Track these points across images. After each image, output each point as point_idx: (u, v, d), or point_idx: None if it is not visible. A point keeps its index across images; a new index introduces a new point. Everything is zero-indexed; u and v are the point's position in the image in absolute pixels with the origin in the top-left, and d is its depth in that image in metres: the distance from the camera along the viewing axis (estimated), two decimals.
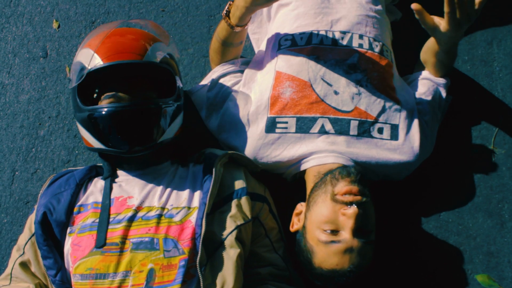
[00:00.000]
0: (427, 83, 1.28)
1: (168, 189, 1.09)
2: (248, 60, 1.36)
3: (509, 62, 1.41)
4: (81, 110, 1.06)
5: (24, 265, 1.08)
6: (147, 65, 1.08)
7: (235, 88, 1.26)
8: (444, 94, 1.28)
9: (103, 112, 1.02)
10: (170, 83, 1.15)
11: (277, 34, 1.26)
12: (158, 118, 1.07)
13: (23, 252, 1.09)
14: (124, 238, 0.99)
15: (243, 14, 1.14)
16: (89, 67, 1.04)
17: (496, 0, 1.45)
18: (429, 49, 1.24)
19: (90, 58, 1.06)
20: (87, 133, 1.08)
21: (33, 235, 1.09)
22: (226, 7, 1.18)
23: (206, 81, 1.34)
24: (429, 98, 1.25)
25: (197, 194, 1.07)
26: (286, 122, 1.16)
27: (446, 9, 1.02)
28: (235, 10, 1.15)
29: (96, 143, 1.08)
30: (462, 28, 1.06)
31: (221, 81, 1.29)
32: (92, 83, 1.10)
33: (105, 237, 0.99)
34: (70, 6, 1.62)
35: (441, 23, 1.07)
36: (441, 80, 1.29)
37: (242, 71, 1.32)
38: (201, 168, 1.14)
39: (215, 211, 1.06)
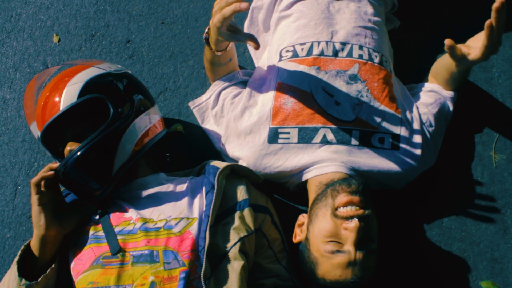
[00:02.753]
0: (434, 95, 1.28)
1: (166, 200, 1.09)
2: (250, 71, 1.36)
3: (508, 67, 1.41)
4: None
5: None
6: (72, 107, 1.06)
7: (238, 99, 1.26)
8: (451, 107, 1.28)
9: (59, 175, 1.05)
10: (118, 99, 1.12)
11: (278, 46, 1.27)
12: (96, 155, 1.05)
13: None
14: (124, 251, 0.99)
15: (217, 43, 1.14)
16: (38, 138, 1.11)
17: None
18: (444, 66, 1.25)
19: (35, 130, 1.14)
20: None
21: None
22: (206, 31, 1.16)
23: (208, 93, 1.35)
24: (435, 110, 1.25)
25: (197, 205, 1.07)
26: (288, 133, 1.16)
27: (484, 42, 1.02)
28: (211, 37, 1.14)
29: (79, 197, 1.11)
30: (489, 56, 1.07)
31: (223, 93, 1.30)
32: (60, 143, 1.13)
33: (117, 243, 0.99)
34: (70, 20, 1.63)
35: (470, 53, 1.06)
36: (449, 94, 1.29)
37: (243, 82, 1.32)
38: (202, 180, 1.14)
39: (218, 223, 1.06)
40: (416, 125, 1.20)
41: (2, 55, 1.62)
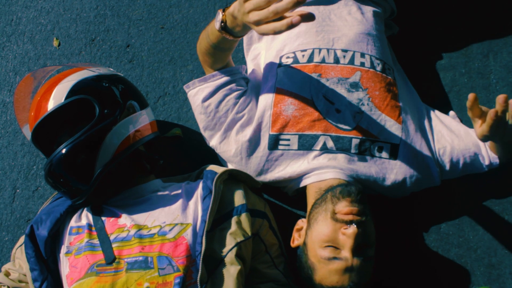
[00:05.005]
0: (473, 144, 1.21)
1: (160, 206, 1.10)
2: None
3: (506, 74, 1.42)
4: None
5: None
6: (61, 107, 1.08)
7: (242, 102, 1.21)
8: (486, 169, 1.22)
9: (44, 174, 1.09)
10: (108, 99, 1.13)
11: (278, 52, 1.26)
12: (79, 154, 1.06)
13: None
14: (119, 258, 0.99)
15: (245, 30, 1.00)
16: (30, 140, 1.14)
17: (492, 13, 1.47)
18: None
19: (27, 132, 1.19)
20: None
21: (21, 244, 1.14)
22: (221, 19, 1.00)
23: (205, 81, 1.23)
24: (459, 157, 1.20)
25: (191, 210, 1.08)
26: (289, 140, 1.16)
27: (485, 131, 0.96)
28: (233, 26, 0.99)
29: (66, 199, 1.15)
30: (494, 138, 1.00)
31: (226, 88, 1.21)
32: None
33: (112, 252, 1.00)
34: (70, 24, 1.64)
35: (478, 128, 0.99)
36: (492, 158, 1.21)
37: (245, 78, 1.27)
38: (197, 184, 1.15)
39: (215, 228, 1.06)
40: (419, 138, 1.19)
41: (2, 58, 1.63)
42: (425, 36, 1.49)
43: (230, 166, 1.27)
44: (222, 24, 1.01)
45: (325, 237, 1.02)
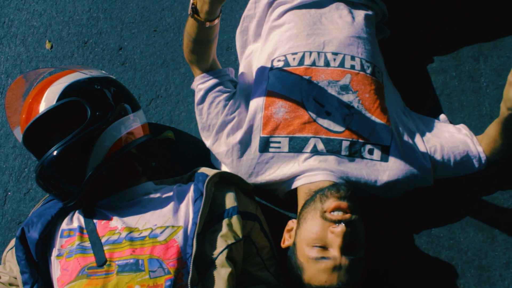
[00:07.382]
0: (461, 142, 1.23)
1: (151, 209, 1.10)
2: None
3: (496, 77, 1.43)
4: None
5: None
6: (52, 110, 1.07)
7: (231, 104, 1.23)
8: (476, 165, 1.22)
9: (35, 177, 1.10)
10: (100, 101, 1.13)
11: (269, 55, 1.27)
12: (70, 156, 1.06)
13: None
14: (110, 260, 0.99)
15: (213, 8, 1.03)
16: (21, 142, 1.13)
17: (482, 17, 1.48)
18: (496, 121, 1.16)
19: (18, 134, 1.18)
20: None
21: (12, 247, 1.13)
22: (191, 4, 1.06)
23: (196, 83, 1.27)
24: (449, 155, 1.21)
25: (182, 213, 1.08)
26: (279, 142, 1.17)
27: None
28: (202, 5, 1.03)
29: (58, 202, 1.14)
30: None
31: (215, 90, 1.24)
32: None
33: (103, 254, 1.00)
34: (62, 26, 1.64)
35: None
36: (480, 152, 1.22)
37: (233, 81, 1.29)
38: (188, 187, 1.15)
39: (206, 230, 1.06)
40: (410, 140, 1.20)
41: None
42: (416, 40, 1.50)
43: (224, 168, 1.27)
44: (193, 6, 1.05)
45: (314, 235, 1.02)
